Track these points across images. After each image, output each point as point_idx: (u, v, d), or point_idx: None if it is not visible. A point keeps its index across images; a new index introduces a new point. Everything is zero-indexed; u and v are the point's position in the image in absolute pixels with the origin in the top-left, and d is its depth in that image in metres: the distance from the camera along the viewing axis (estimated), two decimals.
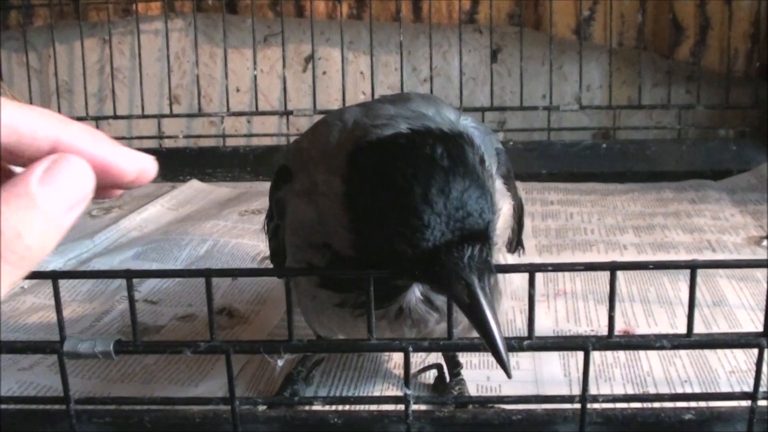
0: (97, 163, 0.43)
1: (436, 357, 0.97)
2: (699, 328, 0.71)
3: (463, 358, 0.98)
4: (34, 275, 0.70)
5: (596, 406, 0.74)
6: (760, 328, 0.71)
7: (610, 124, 1.88)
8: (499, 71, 1.91)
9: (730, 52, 1.78)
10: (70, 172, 0.42)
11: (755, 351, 0.71)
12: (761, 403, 0.71)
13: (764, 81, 1.78)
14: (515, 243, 0.89)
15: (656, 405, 0.78)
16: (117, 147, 0.44)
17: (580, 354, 0.70)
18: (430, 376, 0.97)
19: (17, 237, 0.40)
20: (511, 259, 0.87)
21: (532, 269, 0.69)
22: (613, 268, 0.68)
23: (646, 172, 1.75)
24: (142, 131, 1.95)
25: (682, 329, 0.70)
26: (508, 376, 0.63)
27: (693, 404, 0.76)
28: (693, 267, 0.68)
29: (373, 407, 0.81)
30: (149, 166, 0.45)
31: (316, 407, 0.81)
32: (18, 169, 0.43)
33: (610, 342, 0.70)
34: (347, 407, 0.83)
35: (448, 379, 0.94)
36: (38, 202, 0.41)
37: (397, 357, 1.00)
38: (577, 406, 0.72)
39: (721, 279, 1.20)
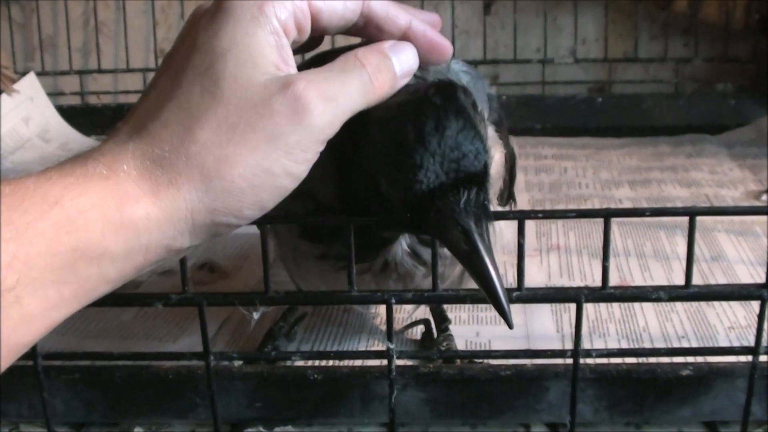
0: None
1: (424, 313, 0.94)
2: (697, 283, 0.67)
3: (451, 313, 0.95)
4: None
5: (589, 361, 0.71)
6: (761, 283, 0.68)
7: (606, 78, 1.84)
8: (492, 24, 1.86)
9: (729, 4, 1.74)
10: (406, 51, 0.63)
11: (755, 306, 0.68)
12: (763, 358, 0.68)
13: (763, 34, 1.74)
14: (506, 195, 0.86)
15: (652, 360, 0.75)
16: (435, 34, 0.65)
17: (574, 309, 0.67)
18: (418, 332, 0.93)
19: (379, 71, 0.61)
20: None
21: (521, 216, 0.65)
22: (607, 215, 0.65)
23: (643, 127, 1.71)
24: (128, 85, 1.90)
25: (679, 283, 0.67)
26: (510, 326, 0.60)
27: (691, 359, 0.74)
28: (691, 214, 0.65)
29: (356, 363, 0.78)
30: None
31: (296, 363, 0.78)
32: None
33: (604, 293, 0.67)
34: (329, 363, 0.80)
35: (435, 334, 0.91)
36: (387, 59, 0.62)
37: (384, 312, 0.96)
38: (569, 361, 0.69)
39: (719, 234, 1.17)
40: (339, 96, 0.58)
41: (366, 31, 0.65)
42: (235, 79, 0.56)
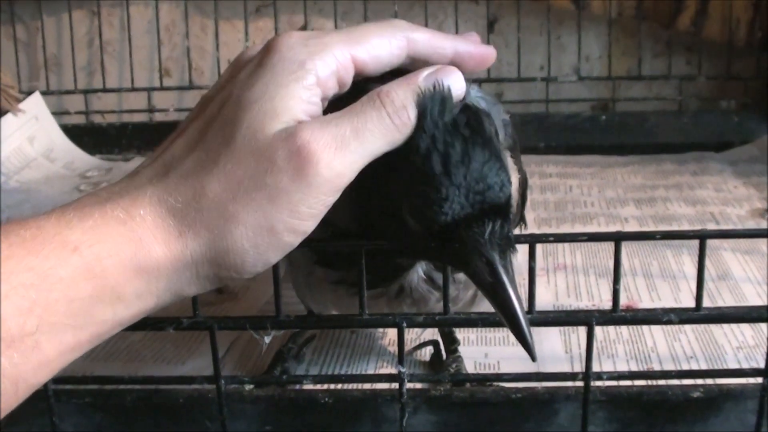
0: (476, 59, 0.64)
1: (432, 333, 0.94)
2: (704, 302, 0.67)
3: (460, 334, 0.95)
4: None
5: (599, 383, 0.71)
6: (767, 302, 0.68)
7: (610, 96, 1.84)
8: (496, 42, 1.86)
9: (732, 22, 1.74)
10: (450, 76, 0.60)
11: (763, 326, 0.68)
12: None
13: (766, 51, 1.74)
14: (518, 218, 0.86)
15: (662, 382, 0.75)
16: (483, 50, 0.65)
17: (582, 329, 0.67)
18: (426, 353, 0.93)
19: (403, 108, 0.57)
20: None
21: (532, 240, 0.66)
22: (618, 238, 0.65)
23: (646, 145, 1.71)
24: (132, 104, 1.90)
25: (687, 303, 0.68)
26: (533, 359, 0.60)
27: (700, 381, 0.73)
28: (702, 237, 0.65)
29: (366, 386, 0.78)
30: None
31: (306, 386, 0.78)
32: None
33: (615, 317, 0.67)
34: (338, 386, 0.80)
35: (444, 356, 0.91)
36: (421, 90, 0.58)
37: (392, 334, 0.97)
38: (580, 383, 0.69)
39: (725, 252, 1.17)
40: (351, 141, 0.56)
41: (414, 68, 0.62)
42: (250, 129, 0.56)
